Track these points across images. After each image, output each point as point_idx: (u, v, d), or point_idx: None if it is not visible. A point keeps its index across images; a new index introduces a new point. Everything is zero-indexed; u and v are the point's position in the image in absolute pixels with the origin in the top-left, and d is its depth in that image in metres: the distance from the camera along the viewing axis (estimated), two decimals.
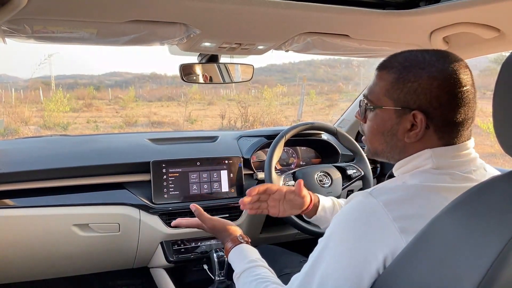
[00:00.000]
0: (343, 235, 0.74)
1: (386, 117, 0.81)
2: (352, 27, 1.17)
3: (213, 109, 13.46)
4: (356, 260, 0.72)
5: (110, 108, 14.24)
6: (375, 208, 0.72)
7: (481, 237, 0.61)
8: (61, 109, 10.46)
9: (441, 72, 0.75)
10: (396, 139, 0.81)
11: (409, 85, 0.76)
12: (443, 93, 0.75)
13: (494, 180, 0.67)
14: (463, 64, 0.77)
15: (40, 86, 15.03)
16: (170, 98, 16.92)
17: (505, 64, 0.62)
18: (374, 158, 0.91)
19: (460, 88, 0.75)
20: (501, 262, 0.57)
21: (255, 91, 16.01)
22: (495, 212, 0.62)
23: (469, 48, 1.23)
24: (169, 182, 1.51)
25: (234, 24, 1.08)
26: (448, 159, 0.77)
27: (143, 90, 21.01)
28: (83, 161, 1.47)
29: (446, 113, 0.76)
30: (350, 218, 0.75)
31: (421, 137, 0.77)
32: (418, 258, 0.67)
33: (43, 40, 1.02)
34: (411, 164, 0.80)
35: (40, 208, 1.36)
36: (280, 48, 1.29)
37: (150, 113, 12.39)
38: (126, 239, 1.46)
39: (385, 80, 0.80)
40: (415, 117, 0.76)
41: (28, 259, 1.41)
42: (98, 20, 0.97)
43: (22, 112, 10.19)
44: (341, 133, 1.57)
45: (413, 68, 0.77)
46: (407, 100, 0.77)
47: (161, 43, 1.14)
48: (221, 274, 1.43)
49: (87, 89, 17.27)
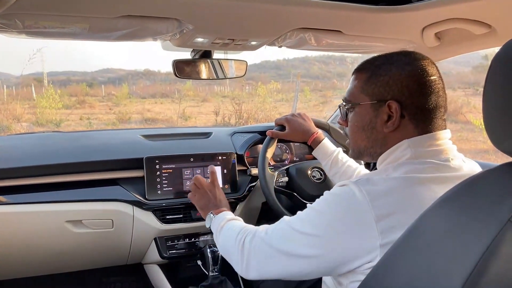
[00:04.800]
0: (325, 214, 0.80)
1: (364, 112, 0.88)
2: (345, 23, 1.18)
3: (207, 106, 13.42)
4: (329, 240, 0.77)
5: (103, 105, 14.15)
6: (358, 197, 0.76)
7: (470, 230, 0.61)
8: (54, 105, 10.37)
9: (408, 64, 0.84)
10: (376, 132, 0.88)
11: (381, 78, 0.85)
12: (412, 82, 0.83)
13: (483, 174, 0.68)
14: (429, 60, 0.86)
15: (32, 83, 14.90)
16: (164, 95, 16.85)
17: (495, 59, 0.63)
18: (359, 159, 0.98)
19: (427, 77, 0.83)
20: (491, 254, 0.57)
21: (249, 88, 15.97)
22: (484, 205, 0.63)
23: (461, 44, 1.24)
24: (163, 178, 1.50)
25: (227, 19, 1.07)
26: (425, 147, 0.83)
27: (136, 86, 20.91)
28: (76, 157, 1.46)
29: (417, 101, 0.83)
30: (335, 201, 0.80)
31: (398, 125, 0.84)
32: (409, 253, 0.68)
33: (34, 36, 1.01)
34: (392, 157, 0.85)
35: (33, 205, 1.36)
36: (273, 44, 1.29)
37: (144, 110, 12.33)
38: (120, 235, 1.46)
39: (360, 79, 0.89)
40: (390, 107, 0.84)
41: (20, 256, 1.40)
42: (90, 15, 0.96)
43: (14, 109, 10.09)
44: (334, 129, 1.57)
45: (383, 65, 0.86)
46: (381, 92, 0.85)
47: (153, 38, 1.13)
48: (215, 270, 1.44)
49: (80, 86, 17.15)
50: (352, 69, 0.94)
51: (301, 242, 0.80)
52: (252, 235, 0.91)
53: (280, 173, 1.50)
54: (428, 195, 0.74)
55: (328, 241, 0.77)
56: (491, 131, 0.66)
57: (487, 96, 0.64)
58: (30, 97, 13.16)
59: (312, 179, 1.50)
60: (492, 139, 0.66)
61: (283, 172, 1.52)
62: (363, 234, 0.74)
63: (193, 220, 1.51)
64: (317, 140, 1.39)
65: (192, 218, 1.51)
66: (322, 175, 1.52)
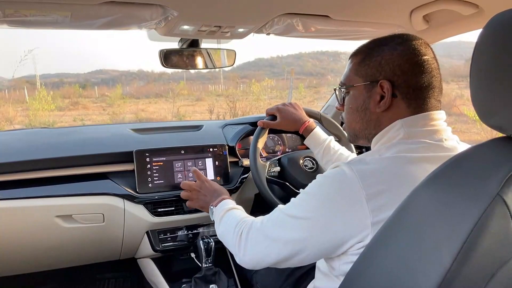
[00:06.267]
0: (317, 195, 0.80)
1: (358, 94, 0.89)
2: (332, 7, 1.16)
3: (202, 104, 13.40)
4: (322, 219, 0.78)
5: (97, 106, 14.09)
6: (349, 176, 0.76)
7: (459, 206, 0.61)
8: (46, 107, 10.30)
9: (400, 44, 0.84)
10: (369, 113, 0.88)
11: (374, 59, 0.85)
12: (404, 61, 0.82)
13: (471, 150, 0.68)
14: (422, 41, 0.88)
15: (25, 85, 14.80)
16: (158, 95, 16.81)
17: (481, 35, 0.63)
18: (355, 142, 0.98)
19: (420, 56, 0.83)
20: (479, 230, 0.57)
21: (243, 86, 15.97)
22: (473, 181, 0.62)
23: (449, 26, 1.23)
24: (153, 171, 1.49)
25: (213, 5, 1.06)
26: (418, 127, 0.83)
27: (130, 87, 20.84)
28: (65, 151, 1.44)
29: (409, 80, 0.82)
30: (326, 182, 0.80)
31: (390, 105, 0.84)
32: (399, 232, 0.67)
33: (16, 25, 1.00)
34: (385, 138, 0.86)
35: (21, 200, 1.33)
36: (261, 31, 1.28)
37: (138, 110, 12.29)
38: (111, 230, 1.44)
39: (354, 62, 0.90)
40: (382, 87, 0.84)
41: (10, 253, 1.38)
42: (71, 2, 0.94)
43: (6, 112, 10.02)
44: (325, 118, 1.56)
45: (377, 47, 0.87)
46: (373, 73, 0.85)
47: (138, 26, 1.11)
48: (208, 261, 1.43)
49: (73, 87, 17.06)
50: (346, 65, 0.95)
51: (295, 226, 0.81)
52: (249, 227, 0.92)
53: (272, 163, 1.49)
54: (420, 174, 0.73)
55: (321, 222, 0.78)
56: (478, 106, 0.65)
57: (474, 72, 0.64)
58: (23, 100, 13.09)
59: (304, 168, 1.49)
60: (479, 114, 0.66)
61: (275, 162, 1.51)
62: (355, 213, 0.75)
63: (185, 213, 1.50)
64: (309, 128, 1.39)
65: (184, 210, 1.50)
66: (314, 164, 1.52)
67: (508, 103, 0.60)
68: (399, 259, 0.66)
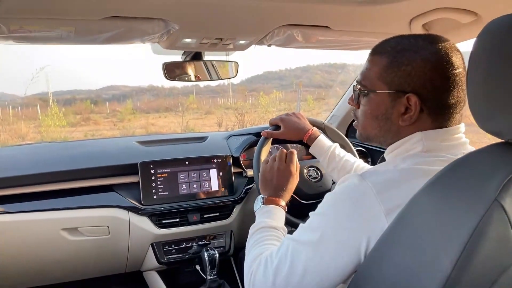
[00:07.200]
0: (331, 213, 0.75)
1: (380, 101, 0.81)
2: (332, 18, 1.18)
3: (211, 118, 13.49)
4: (340, 240, 0.73)
5: (108, 121, 14.26)
6: (364, 190, 0.73)
7: (457, 212, 0.60)
8: (58, 123, 10.46)
9: (434, 55, 0.76)
10: (390, 123, 0.82)
11: (403, 68, 0.77)
12: (437, 75, 0.76)
13: (469, 156, 0.67)
14: (454, 47, 0.79)
15: (38, 103, 15.07)
16: (167, 109, 16.96)
17: (477, 40, 0.63)
18: (366, 142, 0.93)
19: (452, 70, 0.76)
20: (478, 236, 0.56)
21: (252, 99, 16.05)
22: (470, 186, 0.62)
23: (449, 34, 1.23)
24: (158, 183, 1.50)
25: (213, 18, 1.08)
26: (438, 142, 0.78)
27: (140, 102, 21.08)
28: (71, 165, 1.46)
29: (440, 96, 0.77)
30: (339, 199, 0.76)
31: (415, 120, 0.79)
32: (398, 239, 0.67)
33: (21, 41, 1.02)
34: (402, 148, 0.81)
35: (27, 213, 1.35)
36: (262, 43, 1.30)
37: (148, 124, 12.40)
38: (116, 242, 1.45)
39: (378, 64, 0.81)
40: (409, 100, 0.77)
41: (16, 267, 1.39)
42: (75, 18, 0.97)
43: (19, 129, 10.19)
44: (329, 127, 1.56)
45: (406, 51, 0.77)
46: (401, 83, 0.78)
47: (141, 40, 1.14)
48: (212, 273, 1.43)
49: (84, 104, 17.32)
50: (355, 77, 0.90)
51: (309, 251, 0.74)
52: (262, 272, 0.80)
53: None
54: None
55: (338, 242, 0.72)
56: (476, 112, 0.65)
57: (471, 78, 0.64)
58: (36, 117, 13.30)
59: (308, 178, 1.49)
60: (477, 120, 0.66)
61: None
62: (374, 228, 0.71)
63: (189, 224, 1.50)
64: (313, 137, 1.38)
65: (189, 221, 1.50)
66: (318, 174, 1.51)
67: (505, 108, 0.59)
68: (399, 268, 0.65)
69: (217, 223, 1.55)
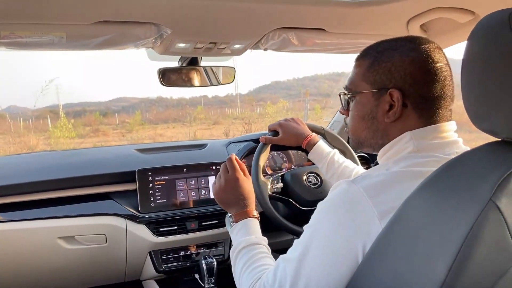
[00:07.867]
0: (325, 223, 0.75)
1: (365, 102, 0.83)
2: (328, 20, 1.16)
3: (218, 128, 13.54)
4: (336, 248, 0.72)
5: (117, 132, 14.39)
6: (356, 195, 0.71)
7: (451, 212, 0.58)
8: (67, 135, 10.58)
9: (412, 50, 0.78)
10: (377, 122, 0.82)
11: (383, 65, 0.79)
12: (416, 69, 0.77)
13: (464, 155, 0.65)
14: (435, 45, 0.80)
15: (48, 115, 15.28)
16: (175, 120, 17.08)
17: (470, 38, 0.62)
18: (359, 149, 0.92)
19: (432, 64, 0.77)
20: (474, 238, 0.54)
21: (260, 109, 16.10)
22: (465, 186, 0.60)
23: (447, 35, 1.21)
24: (156, 191, 1.48)
25: (206, 21, 1.07)
26: (428, 140, 0.77)
27: (149, 113, 21.29)
28: (68, 172, 1.46)
29: (421, 89, 0.77)
30: (332, 205, 0.75)
31: (400, 115, 0.79)
32: (393, 243, 0.65)
33: (13, 47, 1.02)
34: (393, 150, 0.80)
35: (24, 222, 1.34)
36: (257, 47, 1.28)
37: (156, 135, 12.49)
38: (114, 251, 1.43)
39: (362, 66, 0.83)
40: (392, 96, 0.78)
41: (13, 276, 1.38)
42: (65, 23, 0.97)
43: (29, 141, 10.32)
44: (329, 133, 1.53)
45: (386, 51, 0.80)
46: (383, 80, 0.79)
47: (134, 45, 1.13)
48: (210, 281, 1.40)
49: (94, 115, 17.53)
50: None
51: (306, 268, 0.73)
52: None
53: (274, 180, 1.46)
54: None
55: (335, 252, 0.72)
56: (470, 110, 0.64)
57: (465, 77, 0.63)
58: (46, 129, 13.47)
59: (307, 184, 1.46)
60: (472, 118, 0.64)
61: (278, 178, 1.48)
62: (369, 233, 0.69)
63: (187, 232, 1.48)
64: (312, 142, 1.36)
65: (187, 229, 1.48)
66: (318, 180, 1.48)
67: (499, 106, 0.58)
68: (393, 272, 0.63)
69: (216, 231, 1.53)
